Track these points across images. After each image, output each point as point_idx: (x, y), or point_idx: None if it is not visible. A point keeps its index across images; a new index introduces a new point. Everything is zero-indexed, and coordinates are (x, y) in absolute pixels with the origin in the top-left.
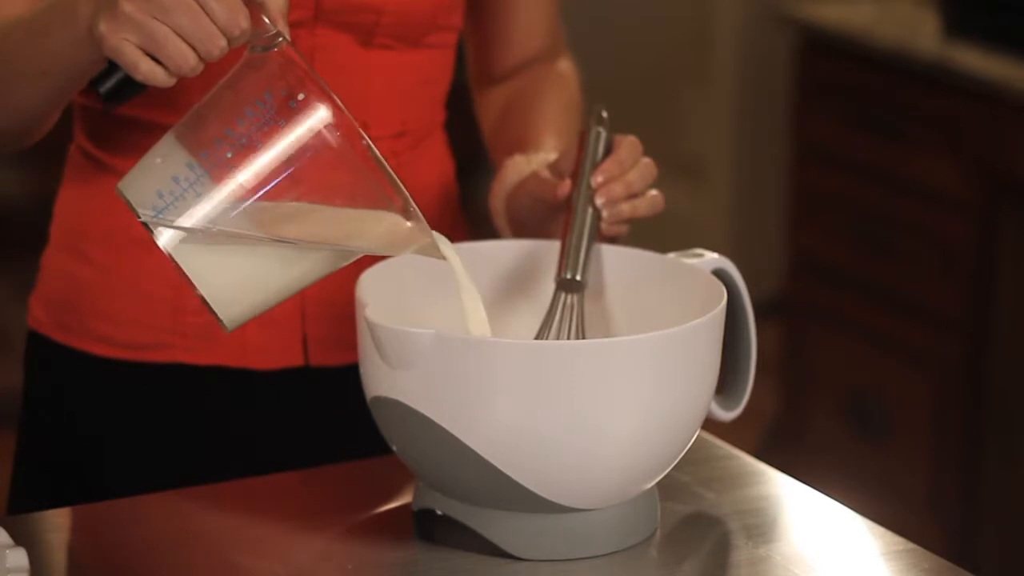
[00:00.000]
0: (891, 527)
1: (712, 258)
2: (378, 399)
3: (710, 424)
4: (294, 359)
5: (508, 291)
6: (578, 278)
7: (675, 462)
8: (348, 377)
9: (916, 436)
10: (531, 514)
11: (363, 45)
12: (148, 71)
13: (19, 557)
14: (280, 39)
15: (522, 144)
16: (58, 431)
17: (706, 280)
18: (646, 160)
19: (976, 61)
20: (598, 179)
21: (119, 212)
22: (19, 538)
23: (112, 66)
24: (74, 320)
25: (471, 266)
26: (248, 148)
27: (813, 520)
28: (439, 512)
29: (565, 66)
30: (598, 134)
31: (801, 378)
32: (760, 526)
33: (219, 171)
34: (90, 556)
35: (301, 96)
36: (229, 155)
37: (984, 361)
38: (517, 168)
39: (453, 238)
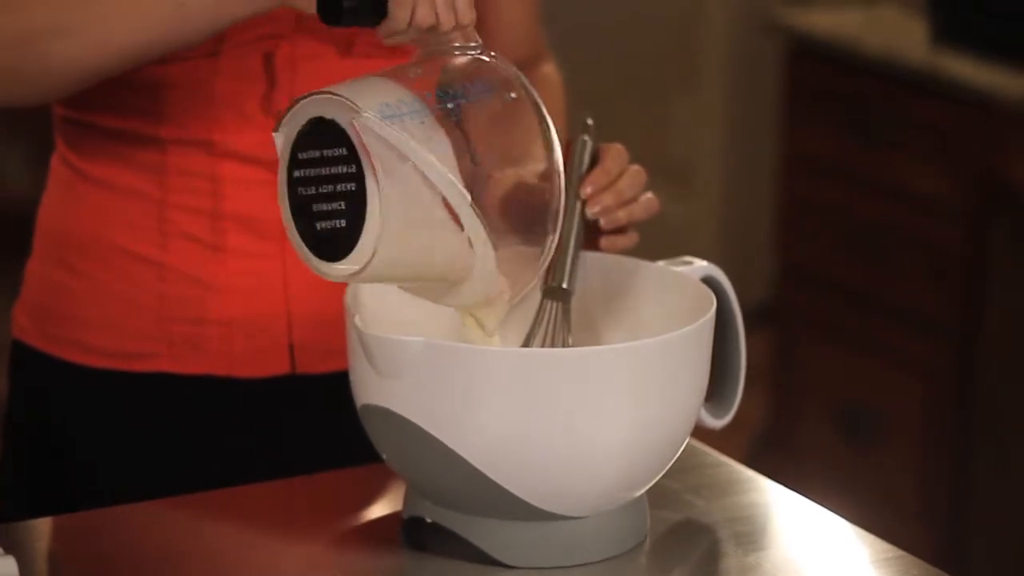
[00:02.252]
0: (881, 534)
1: (701, 265)
2: (368, 407)
3: (700, 432)
4: (280, 367)
5: None
6: (564, 286)
7: (665, 470)
8: (335, 384)
9: (906, 443)
10: (521, 522)
11: (343, 54)
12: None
13: (8, 565)
14: (479, 51)
15: None
16: (42, 440)
17: (695, 287)
18: (635, 167)
19: (964, 68)
20: (587, 190)
21: (103, 221)
22: (8, 546)
23: None
24: (58, 329)
25: None
26: (470, 109)
27: (802, 527)
28: (429, 520)
29: (548, 70)
30: (584, 143)
31: (791, 385)
32: (750, 534)
33: (440, 114)
34: (78, 565)
35: (513, 95)
36: (451, 106)
37: (974, 368)
38: None
39: None
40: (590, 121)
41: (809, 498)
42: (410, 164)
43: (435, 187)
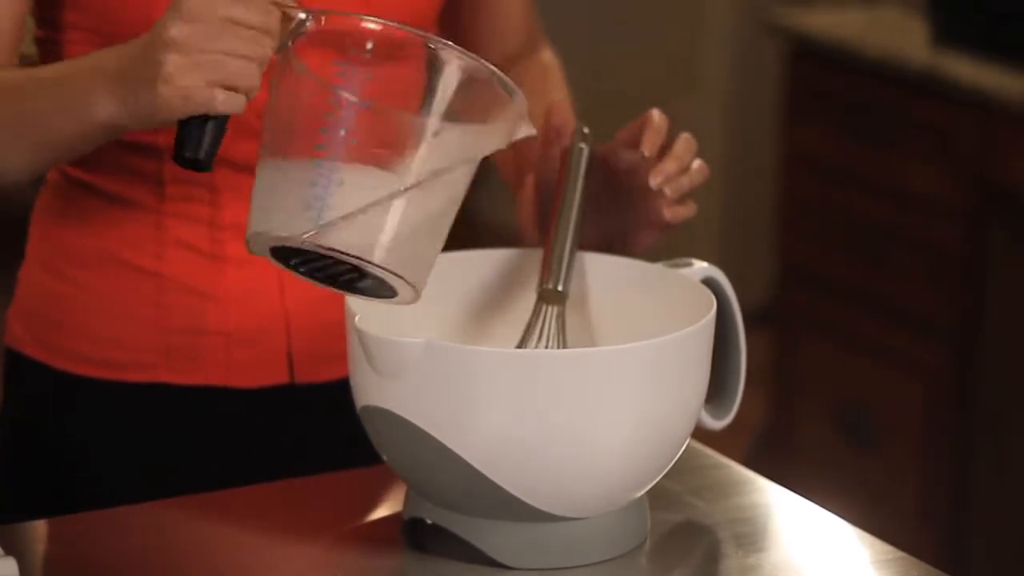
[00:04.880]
0: (881, 535)
1: (701, 267)
2: (368, 408)
3: (700, 433)
4: (279, 377)
5: (490, 301)
6: (560, 288)
7: (665, 471)
8: (334, 393)
9: (906, 444)
10: (521, 523)
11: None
12: (226, 99)
13: (9, 567)
14: (309, 19)
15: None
16: (40, 449)
17: (695, 289)
18: (685, 134)
19: (965, 69)
20: (645, 152)
21: (99, 231)
22: (8, 548)
23: (186, 128)
24: (53, 338)
25: (453, 275)
26: (360, 113)
27: (803, 529)
28: (429, 521)
29: (547, 57)
30: (580, 150)
31: (791, 387)
32: (750, 535)
33: (346, 152)
34: (79, 566)
35: (369, 45)
36: (343, 132)
37: (974, 368)
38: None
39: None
40: (586, 129)
41: (809, 499)
42: (371, 205)
43: (401, 178)
